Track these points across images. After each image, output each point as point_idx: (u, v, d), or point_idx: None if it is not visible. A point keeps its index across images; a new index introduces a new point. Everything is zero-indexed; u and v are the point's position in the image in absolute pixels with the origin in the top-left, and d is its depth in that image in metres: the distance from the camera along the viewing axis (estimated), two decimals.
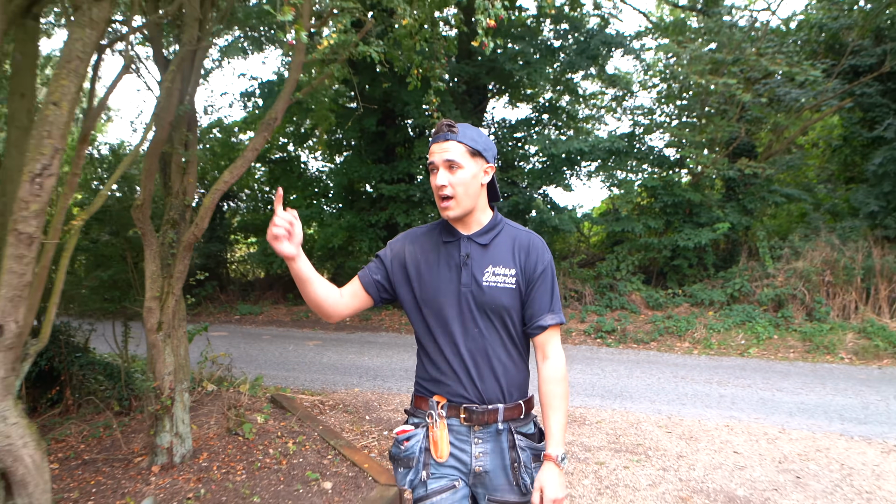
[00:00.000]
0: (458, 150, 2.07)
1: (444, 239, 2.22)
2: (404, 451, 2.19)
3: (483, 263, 2.15)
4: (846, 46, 13.26)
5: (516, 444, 2.15)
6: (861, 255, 10.66)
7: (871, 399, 7.16)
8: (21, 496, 3.18)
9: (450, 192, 2.07)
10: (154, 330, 4.61)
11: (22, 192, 2.93)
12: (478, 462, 2.16)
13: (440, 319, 2.17)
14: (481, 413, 2.13)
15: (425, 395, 2.22)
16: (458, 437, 2.16)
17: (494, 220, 2.22)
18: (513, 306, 2.16)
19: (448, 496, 2.14)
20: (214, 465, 4.70)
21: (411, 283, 2.22)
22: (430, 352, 2.21)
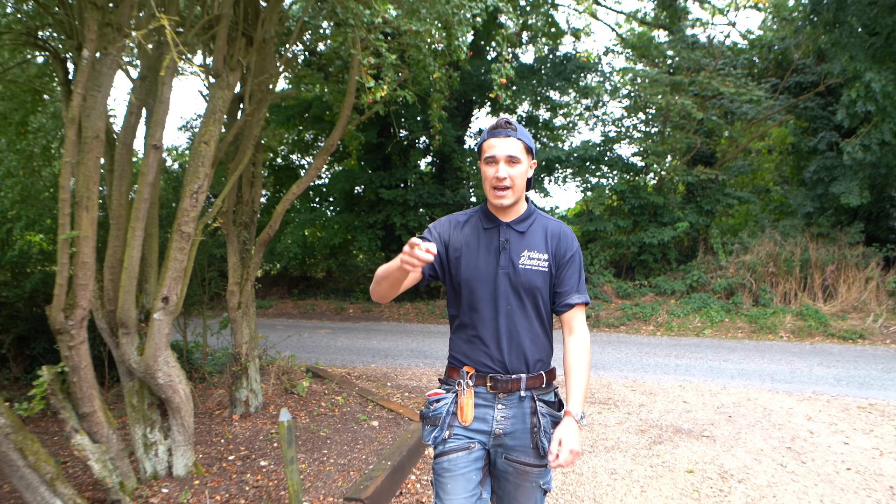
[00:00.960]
0: (517, 146, 2.27)
1: (484, 226, 2.38)
2: (433, 411, 2.37)
3: (520, 248, 2.33)
4: (792, 64, 14.73)
5: (538, 410, 2.33)
6: (799, 249, 12.09)
7: (799, 366, 8.54)
8: (175, 419, 4.39)
9: (509, 182, 2.26)
10: (235, 308, 5.84)
11: (184, 205, 4.15)
12: (498, 425, 2.33)
13: (478, 297, 2.33)
14: (505, 382, 2.31)
15: (457, 365, 2.40)
16: (484, 402, 2.34)
17: (529, 210, 2.41)
18: (544, 287, 2.35)
19: (463, 455, 2.31)
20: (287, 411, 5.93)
21: (455, 264, 2.38)
22: (465, 327, 2.38)
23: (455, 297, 2.42)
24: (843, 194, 11.09)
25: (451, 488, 2.29)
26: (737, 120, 14.40)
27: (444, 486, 2.31)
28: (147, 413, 4.38)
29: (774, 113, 14.23)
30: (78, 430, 3.81)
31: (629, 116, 15.84)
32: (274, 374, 6.78)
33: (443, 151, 14.23)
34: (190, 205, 4.13)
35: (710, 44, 15.26)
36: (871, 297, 11.35)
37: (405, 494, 4.38)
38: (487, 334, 2.32)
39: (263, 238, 5.77)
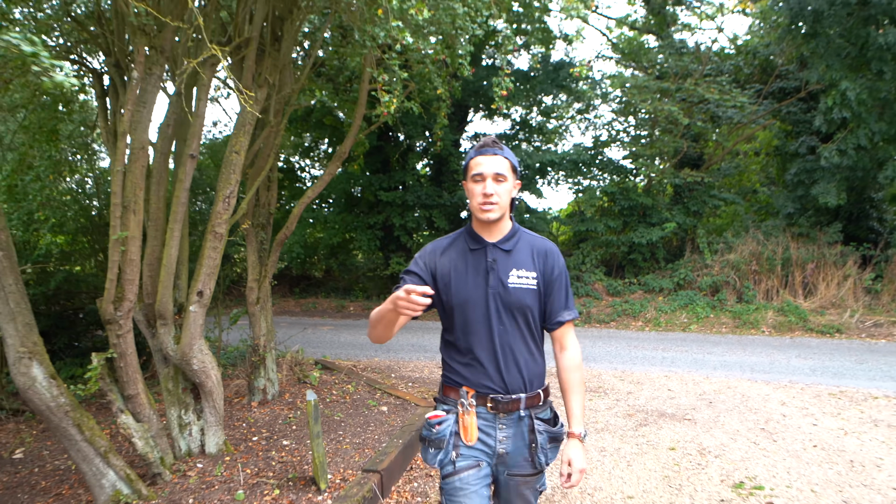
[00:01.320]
0: (504, 164, 2.32)
1: (470, 247, 2.41)
2: (436, 433, 2.37)
3: (507, 267, 2.36)
4: (776, 70, 15.23)
5: (535, 428, 2.36)
6: (781, 248, 12.59)
7: (778, 358, 9.02)
8: (207, 401, 4.83)
9: (496, 199, 2.30)
10: (254, 303, 6.27)
11: (217, 208, 4.59)
12: (501, 445, 2.36)
13: (470, 319, 2.35)
14: (506, 402, 2.34)
15: (455, 385, 2.40)
16: (485, 423, 2.36)
17: (514, 229, 2.45)
18: (534, 305, 2.38)
19: (473, 473, 2.33)
20: (297, 400, 6.37)
21: (445, 291, 2.39)
22: (459, 348, 2.40)
23: (448, 320, 2.43)
24: (822, 196, 11.59)
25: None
26: (723, 124, 14.90)
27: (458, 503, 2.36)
28: (181, 396, 4.82)
29: (759, 117, 14.72)
30: (123, 411, 4.24)
31: (618, 120, 16.31)
32: (286, 366, 7.21)
33: (440, 155, 14.68)
34: (223, 208, 4.57)
35: (698, 49, 15.77)
36: (849, 293, 11.85)
37: (415, 469, 4.82)
38: (484, 356, 2.34)
39: (280, 238, 6.21)
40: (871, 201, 13.88)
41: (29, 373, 3.71)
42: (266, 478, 4.37)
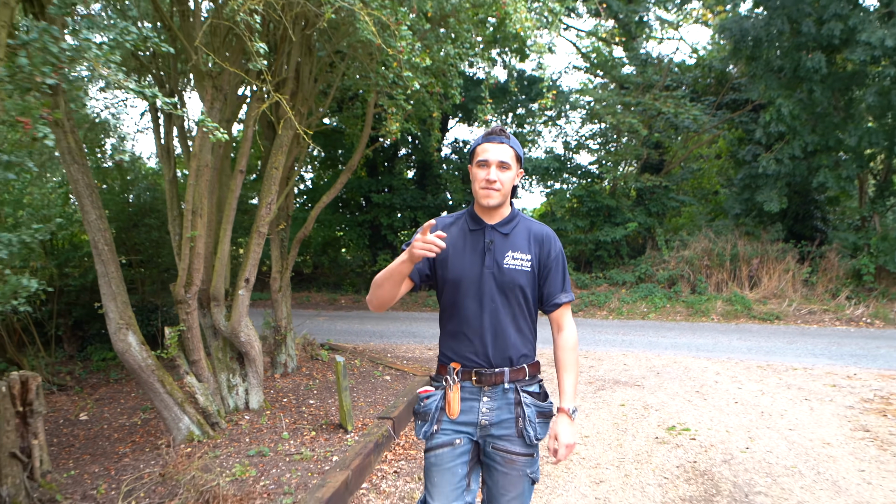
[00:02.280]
0: (509, 153, 2.37)
1: (470, 227, 2.47)
2: (423, 407, 2.47)
3: (504, 249, 2.42)
4: (729, 82, 16.58)
5: (522, 400, 2.41)
6: (729, 245, 13.90)
7: (722, 340, 10.28)
8: (251, 367, 5.92)
9: (498, 186, 2.35)
10: (277, 291, 7.36)
11: (261, 212, 5.69)
12: (484, 416, 2.41)
13: (464, 295, 2.41)
14: (489, 375, 2.39)
15: (445, 362, 2.48)
16: (470, 396, 2.42)
17: (513, 213, 2.49)
18: (527, 285, 2.43)
19: (448, 451, 2.41)
20: (313, 373, 7.48)
21: (441, 266, 2.45)
22: (453, 323, 2.47)
23: (443, 295, 2.49)
24: (766, 203, 12.89)
25: (438, 481, 2.42)
26: (680, 133, 16.21)
27: (431, 479, 2.44)
28: (229, 364, 5.91)
29: (713, 127, 16.05)
30: (188, 373, 5.32)
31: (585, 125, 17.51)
32: (299, 346, 8.30)
33: (424, 160, 15.81)
34: (265, 212, 5.68)
35: (660, 62, 17.08)
36: (788, 285, 13.19)
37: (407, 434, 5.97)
38: (472, 331, 2.40)
39: (299, 236, 7.31)
40: (815, 203, 15.23)
41: (126, 339, 4.79)
42: (302, 425, 5.49)
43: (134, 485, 4.02)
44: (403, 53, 4.77)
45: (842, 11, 10.69)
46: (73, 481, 4.44)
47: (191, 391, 5.30)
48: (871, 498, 4.21)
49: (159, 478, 4.00)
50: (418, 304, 14.94)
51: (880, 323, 11.59)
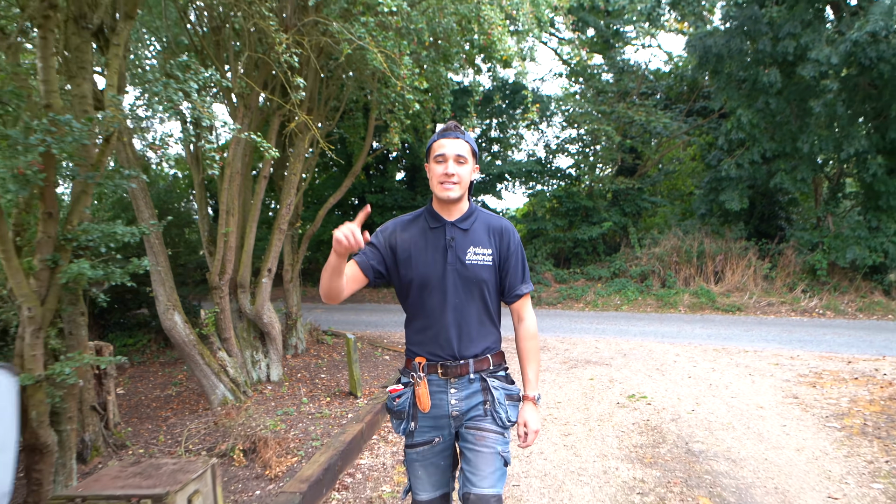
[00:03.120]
0: (465, 147, 2.39)
1: (430, 225, 2.46)
2: (397, 406, 2.49)
3: (465, 245, 2.43)
4: (699, 90, 17.60)
5: (489, 386, 2.44)
6: (696, 243, 14.91)
7: (686, 328, 11.26)
8: (272, 345, 6.78)
9: (457, 179, 2.37)
10: (289, 281, 8.23)
11: (282, 212, 6.56)
12: (454, 407, 2.43)
13: (428, 293, 2.42)
14: (454, 367, 2.41)
15: (412, 357, 2.49)
16: (437, 388, 2.43)
17: (472, 209, 2.51)
18: (490, 279, 2.45)
19: (427, 449, 2.46)
20: (321, 353, 8.35)
21: (405, 265, 2.44)
22: (417, 320, 2.48)
23: (406, 294, 2.50)
24: (728, 202, 13.92)
25: (422, 474, 2.48)
26: (653, 139, 17.22)
27: (415, 472, 2.49)
28: (252, 342, 6.78)
29: (683, 133, 17.07)
30: (220, 349, 6.19)
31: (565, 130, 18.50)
32: (306, 331, 9.17)
33: (414, 164, 16.71)
34: (286, 212, 6.55)
35: (636, 70, 18.08)
36: (750, 280, 14.21)
37: None
38: (438, 326, 2.42)
39: (308, 233, 8.19)
40: (779, 204, 16.26)
41: (173, 318, 5.64)
42: (317, 393, 6.37)
43: (188, 434, 4.89)
44: (406, 79, 5.66)
45: (795, 31, 11.70)
46: (134, 435, 5.30)
47: (223, 364, 6.16)
48: (785, 444, 5.17)
49: (213, 426, 4.87)
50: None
51: (831, 314, 12.63)
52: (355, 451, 4.82)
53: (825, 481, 4.44)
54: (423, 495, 2.48)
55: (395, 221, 2.55)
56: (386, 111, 6.86)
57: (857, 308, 12.84)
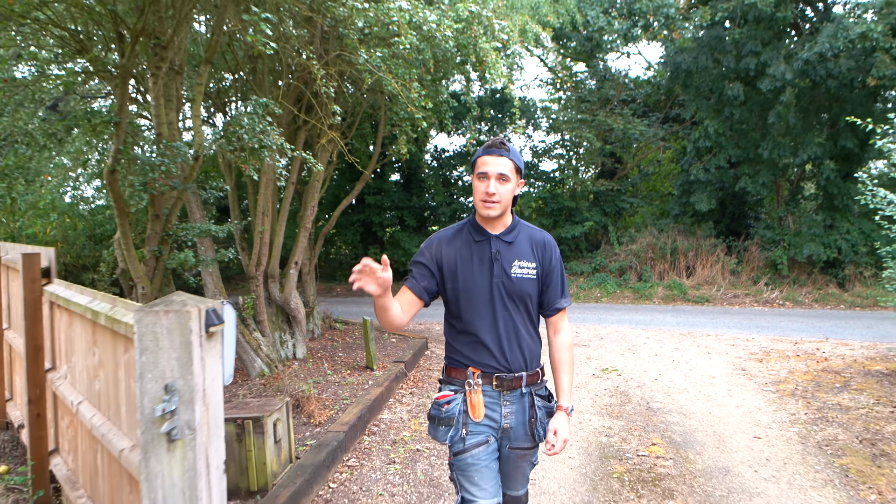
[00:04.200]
0: (508, 165, 2.39)
1: (475, 238, 2.48)
2: (445, 412, 2.45)
3: (510, 258, 2.45)
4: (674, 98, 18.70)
5: (535, 403, 2.48)
6: (670, 240, 16.02)
7: (658, 317, 12.35)
8: (297, 327, 7.77)
9: (497, 198, 2.37)
10: (307, 273, 9.23)
11: (307, 213, 7.56)
12: (506, 420, 2.46)
13: (475, 305, 2.43)
14: (510, 380, 2.43)
15: (460, 366, 2.48)
16: (491, 400, 2.45)
17: (515, 222, 2.54)
18: (534, 293, 2.48)
19: (483, 450, 2.43)
20: (335, 337, 9.35)
21: (451, 279, 2.47)
22: (465, 331, 2.47)
23: (453, 306, 2.50)
24: (697, 203, 15.05)
25: (479, 479, 2.42)
26: (632, 144, 18.32)
27: (471, 479, 2.42)
28: (280, 325, 7.77)
29: (659, 139, 18.19)
30: (256, 329, 7.18)
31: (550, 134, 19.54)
32: (321, 318, 10.16)
33: (409, 167, 17.71)
34: (310, 213, 7.55)
35: (616, 78, 19.17)
36: (718, 274, 15.33)
37: (420, 367, 7.89)
38: (489, 339, 2.41)
39: (324, 231, 9.18)
40: (748, 204, 17.39)
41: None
42: (338, 367, 7.39)
43: (242, 395, 5.90)
44: (415, 101, 6.68)
45: (756, 49, 12.82)
46: None
47: (258, 343, 7.14)
48: (727, 403, 6.24)
49: (262, 388, 5.87)
50: None
51: (790, 304, 13.78)
52: (378, 408, 5.84)
53: (754, 427, 5.52)
54: (484, 501, 2.41)
55: (437, 235, 2.56)
56: (394, 125, 7.86)
57: (813, 299, 14.00)
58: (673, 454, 4.89)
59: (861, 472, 4.50)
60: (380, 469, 4.59)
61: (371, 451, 4.96)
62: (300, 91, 7.00)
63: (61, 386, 3.68)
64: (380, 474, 4.50)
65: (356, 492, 4.19)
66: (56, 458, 3.95)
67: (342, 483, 4.33)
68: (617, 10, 14.04)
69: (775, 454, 4.88)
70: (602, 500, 4.05)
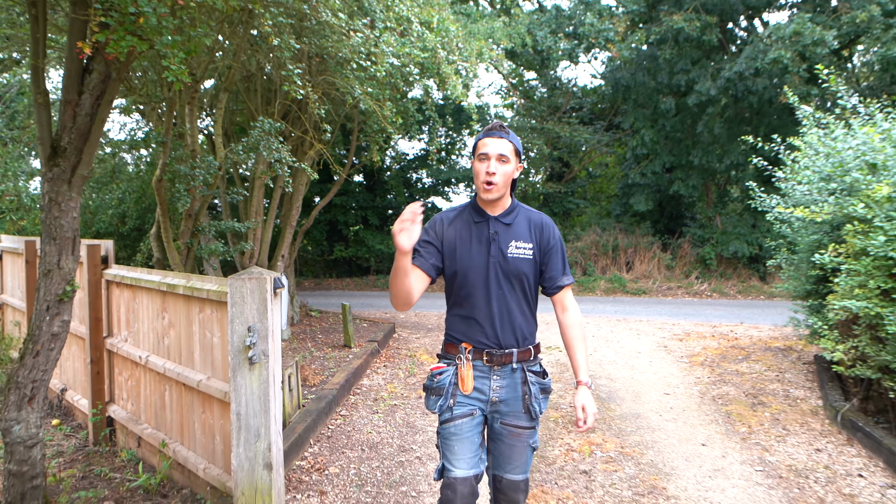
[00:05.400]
0: (508, 147, 2.45)
1: (475, 220, 2.55)
2: (437, 382, 2.55)
3: (507, 239, 2.51)
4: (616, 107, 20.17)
5: (528, 379, 2.53)
6: (612, 238, 17.43)
7: (599, 306, 13.65)
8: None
9: (496, 178, 2.42)
10: (287, 266, 10.23)
11: (292, 212, 8.59)
12: (495, 394, 2.52)
13: (472, 284, 2.50)
14: (500, 356, 2.50)
15: (455, 342, 2.56)
16: (481, 374, 2.52)
17: (514, 204, 2.59)
18: (530, 272, 2.54)
19: (467, 421, 2.51)
20: (312, 323, 10.36)
21: (450, 257, 2.54)
22: (461, 308, 2.56)
23: (451, 284, 2.58)
24: (635, 204, 16.49)
25: (458, 449, 2.50)
26: (578, 149, 19.72)
27: (451, 448, 2.52)
28: None
29: (603, 145, 19.62)
30: None
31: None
32: (298, 306, 11.16)
33: (372, 170, 18.75)
34: (294, 213, 8.58)
35: (565, 86, 20.54)
36: (654, 268, 16.79)
37: (390, 347, 9.00)
38: (482, 316, 2.49)
39: (303, 229, 10.20)
40: (684, 205, 18.92)
41: None
42: (320, 346, 8.44)
43: None
44: (388, 118, 7.78)
45: (686, 67, 14.28)
46: None
47: None
48: (647, 370, 7.52)
49: None
50: (368, 286, 17.91)
51: (717, 295, 15.28)
52: (359, 376, 6.93)
53: (664, 387, 6.80)
54: (459, 472, 2.48)
55: (440, 215, 2.63)
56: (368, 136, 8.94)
57: (737, 290, 15.54)
58: (599, 406, 6.11)
59: (740, 414, 5.79)
60: (366, 417, 5.70)
61: (357, 405, 6.06)
62: (287, 106, 8.04)
63: (123, 347, 4.70)
64: (367, 420, 5.61)
65: (350, 431, 5.29)
66: (113, 406, 4.95)
67: (338, 426, 5.42)
68: (564, 32, 15.35)
69: (678, 405, 6.16)
70: (542, 434, 5.23)
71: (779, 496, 4.08)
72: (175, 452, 4.01)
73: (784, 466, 4.57)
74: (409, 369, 7.52)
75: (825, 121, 6.48)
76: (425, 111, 9.38)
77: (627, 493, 4.15)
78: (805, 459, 4.70)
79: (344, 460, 4.66)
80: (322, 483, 4.23)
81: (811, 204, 5.87)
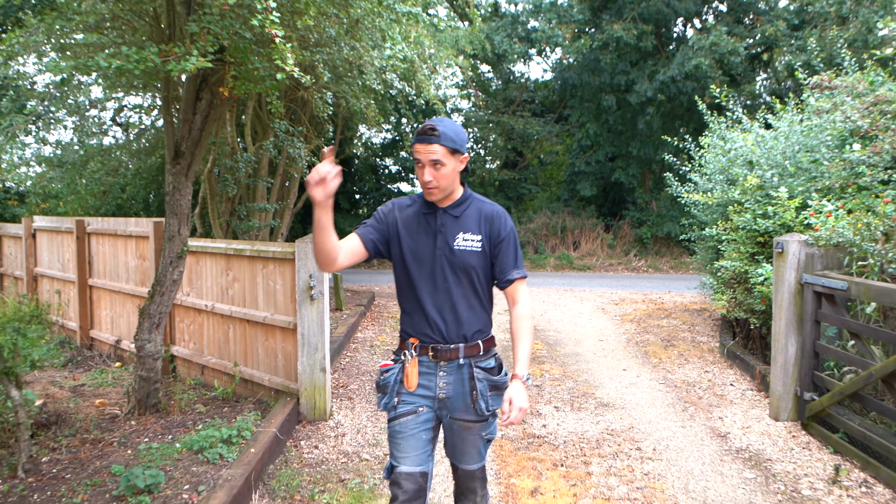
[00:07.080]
0: (440, 151, 2.28)
1: (423, 211, 2.46)
2: (383, 380, 2.50)
3: (455, 231, 2.41)
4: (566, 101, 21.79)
5: (474, 375, 2.42)
6: (560, 220, 19.11)
7: (549, 280, 15.27)
8: None
9: (434, 184, 2.33)
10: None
11: (291, 197, 9.92)
12: (441, 390, 2.44)
13: (417, 276, 2.43)
14: (445, 351, 2.40)
15: (405, 338, 2.50)
16: (427, 370, 2.44)
17: (465, 195, 2.48)
18: (479, 265, 2.42)
19: (412, 419, 2.43)
20: None
21: (396, 245, 2.47)
22: (409, 302, 2.49)
23: (398, 275, 2.52)
24: (582, 190, 18.20)
25: (404, 447, 2.43)
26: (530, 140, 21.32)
27: (398, 446, 2.45)
28: None
29: (553, 136, 21.23)
30: None
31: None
32: None
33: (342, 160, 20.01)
34: (292, 197, 9.90)
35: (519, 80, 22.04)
36: (598, 247, 18.53)
37: (373, 311, 10.42)
38: (428, 309, 2.41)
39: (294, 210, 11.49)
40: (626, 191, 20.67)
41: None
42: None
43: None
44: (372, 118, 9.16)
45: (626, 69, 15.95)
46: None
47: None
48: (587, 325, 9.15)
49: None
50: None
51: (652, 270, 17.11)
52: (354, 331, 8.37)
53: (599, 336, 8.42)
54: (404, 468, 2.42)
55: (394, 202, 2.56)
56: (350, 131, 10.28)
57: (670, 266, 17.41)
58: (547, 349, 7.69)
59: (655, 352, 7.45)
60: (367, 357, 7.16)
61: (358, 350, 7.51)
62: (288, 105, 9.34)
63: (186, 300, 6.05)
64: (368, 357, 7.08)
65: (358, 365, 6.76)
66: (175, 347, 6.30)
67: (348, 362, 6.88)
68: (517, 36, 16.87)
69: (609, 347, 7.79)
70: None
71: (672, 395, 5.72)
72: (241, 371, 5.42)
73: (680, 381, 6.22)
74: (394, 326, 8.98)
75: (725, 125, 8.14)
76: (400, 109, 10.76)
77: (567, 396, 5.73)
78: (695, 377, 6.36)
79: (359, 382, 6.14)
80: (349, 393, 5.70)
81: (709, 191, 7.53)
